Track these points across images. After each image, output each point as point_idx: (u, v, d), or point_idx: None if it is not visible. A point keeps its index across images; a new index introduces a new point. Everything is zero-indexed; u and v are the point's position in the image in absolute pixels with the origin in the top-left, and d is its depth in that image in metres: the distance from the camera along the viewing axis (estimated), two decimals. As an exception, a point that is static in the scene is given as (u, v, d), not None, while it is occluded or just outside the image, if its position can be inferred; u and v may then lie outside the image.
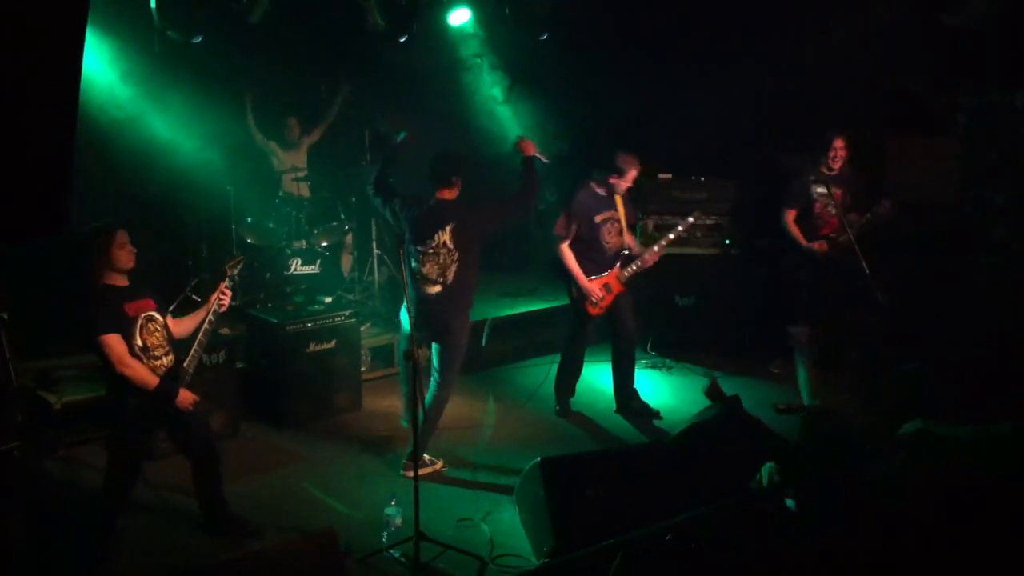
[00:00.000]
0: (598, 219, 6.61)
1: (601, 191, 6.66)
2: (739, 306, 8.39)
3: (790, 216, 7.19)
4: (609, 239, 6.68)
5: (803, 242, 7.10)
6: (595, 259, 6.62)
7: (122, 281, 4.77)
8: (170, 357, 4.84)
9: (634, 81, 8.99)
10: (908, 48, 7.51)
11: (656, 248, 6.72)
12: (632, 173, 6.60)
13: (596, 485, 4.79)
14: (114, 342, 4.59)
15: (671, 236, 6.80)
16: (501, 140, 9.54)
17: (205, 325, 4.91)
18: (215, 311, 4.92)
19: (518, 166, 5.90)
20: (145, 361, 4.70)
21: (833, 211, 6.91)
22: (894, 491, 4.04)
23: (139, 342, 4.71)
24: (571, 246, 6.59)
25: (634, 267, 6.72)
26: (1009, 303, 6.86)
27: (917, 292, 7.42)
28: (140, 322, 4.74)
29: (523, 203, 5.91)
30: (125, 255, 4.73)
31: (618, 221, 6.74)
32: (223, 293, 4.93)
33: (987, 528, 3.78)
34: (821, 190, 7.02)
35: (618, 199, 6.72)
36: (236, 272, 5.10)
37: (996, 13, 6.66)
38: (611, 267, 6.71)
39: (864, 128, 7.50)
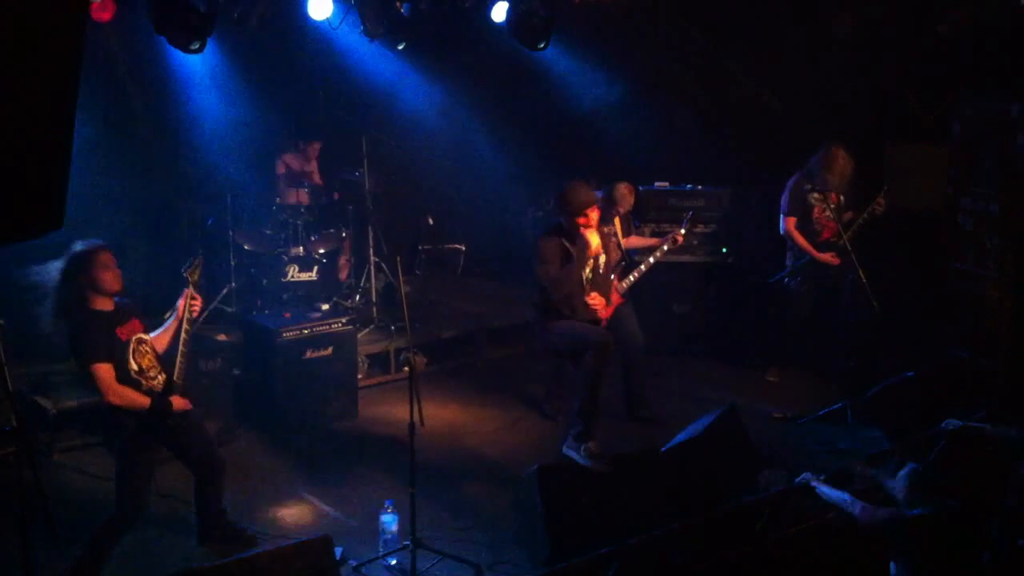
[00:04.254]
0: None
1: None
2: (735, 314, 8.39)
3: (791, 223, 7.20)
4: (612, 252, 6.66)
5: (816, 254, 7.10)
6: None
7: (108, 305, 4.62)
8: (163, 376, 4.75)
9: (623, 88, 9.04)
10: (900, 54, 7.53)
11: (651, 259, 6.76)
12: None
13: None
14: (103, 371, 4.48)
15: (665, 248, 6.83)
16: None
17: (183, 335, 4.78)
18: (188, 319, 4.80)
19: None
20: (143, 384, 4.63)
21: (830, 215, 6.93)
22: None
23: (134, 366, 4.63)
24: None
25: (632, 278, 6.73)
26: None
27: (904, 299, 7.43)
28: (132, 345, 4.64)
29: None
30: (110, 277, 4.56)
31: (615, 235, 6.74)
32: (192, 299, 4.83)
33: None
34: (817, 195, 7.05)
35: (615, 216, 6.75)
36: (197, 277, 4.94)
37: (988, 21, 6.69)
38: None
39: (856, 133, 7.52)
